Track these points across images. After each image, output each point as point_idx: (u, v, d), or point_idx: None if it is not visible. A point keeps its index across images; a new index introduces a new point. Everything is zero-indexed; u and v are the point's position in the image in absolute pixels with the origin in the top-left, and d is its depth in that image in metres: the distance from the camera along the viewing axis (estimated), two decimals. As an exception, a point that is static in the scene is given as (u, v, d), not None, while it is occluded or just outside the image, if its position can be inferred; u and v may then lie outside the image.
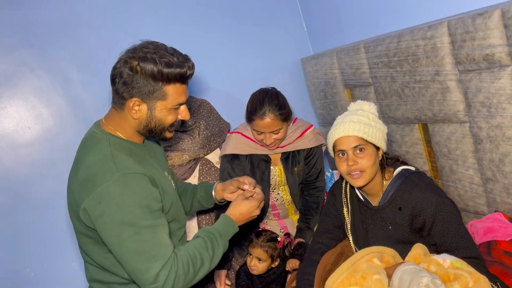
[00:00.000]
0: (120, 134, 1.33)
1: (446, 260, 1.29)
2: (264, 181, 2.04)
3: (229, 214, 1.43)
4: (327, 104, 2.67)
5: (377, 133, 1.47)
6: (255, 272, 1.97)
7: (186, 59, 1.29)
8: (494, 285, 1.26)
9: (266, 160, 2.05)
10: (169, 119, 1.32)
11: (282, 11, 2.81)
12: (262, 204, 1.49)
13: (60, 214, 2.29)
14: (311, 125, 2.13)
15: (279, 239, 2.00)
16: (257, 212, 1.46)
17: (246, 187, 1.54)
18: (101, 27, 2.35)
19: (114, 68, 1.27)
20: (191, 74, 1.30)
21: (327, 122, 2.74)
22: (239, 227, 1.42)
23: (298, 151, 2.07)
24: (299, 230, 2.06)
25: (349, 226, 1.63)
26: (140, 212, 1.19)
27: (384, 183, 1.54)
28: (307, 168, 2.10)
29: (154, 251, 1.18)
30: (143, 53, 1.23)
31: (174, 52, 1.29)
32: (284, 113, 1.92)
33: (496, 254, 1.56)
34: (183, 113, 1.35)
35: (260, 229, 2.11)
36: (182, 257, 1.23)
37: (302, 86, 2.85)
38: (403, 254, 1.43)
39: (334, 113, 2.62)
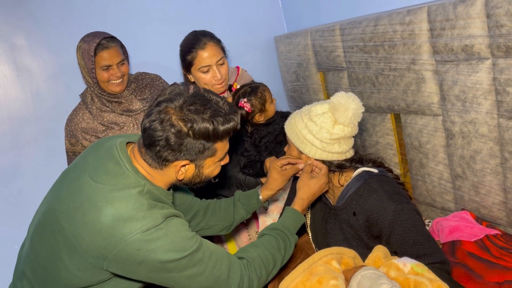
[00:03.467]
0: (154, 182, 1.17)
1: (406, 264, 1.21)
2: None
3: (301, 199, 1.38)
4: (298, 87, 2.54)
5: (311, 149, 1.40)
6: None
7: (231, 106, 1.17)
8: (456, 294, 1.19)
9: None
10: (215, 171, 1.23)
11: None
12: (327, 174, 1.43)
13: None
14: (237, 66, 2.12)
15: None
16: (327, 187, 1.42)
17: (301, 166, 1.45)
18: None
19: (153, 130, 1.07)
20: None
21: (298, 106, 2.62)
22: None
23: None
24: None
25: (308, 222, 1.54)
26: (190, 243, 1.12)
27: (342, 184, 1.44)
28: None
29: (223, 276, 1.15)
30: (192, 113, 1.08)
31: (219, 101, 1.15)
32: (220, 41, 1.88)
33: (460, 255, 1.50)
34: (226, 160, 1.25)
35: None
36: (254, 262, 1.22)
37: (275, 66, 2.70)
38: (362, 256, 1.35)
39: (305, 97, 2.50)
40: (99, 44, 1.79)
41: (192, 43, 1.83)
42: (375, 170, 1.39)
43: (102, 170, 1.11)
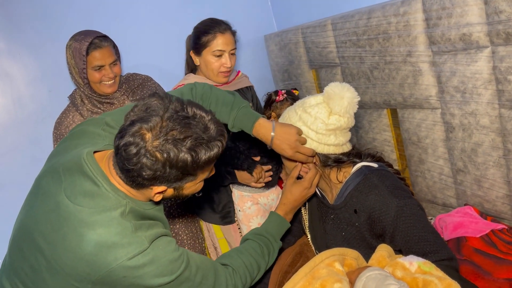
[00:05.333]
0: (134, 198, 1.08)
1: (413, 263, 1.15)
2: None
3: (283, 204, 1.36)
4: (291, 86, 2.48)
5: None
6: None
7: (217, 124, 1.03)
8: (466, 291, 1.13)
9: None
10: (198, 189, 1.13)
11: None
12: (316, 180, 1.36)
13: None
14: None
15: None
16: (312, 191, 1.36)
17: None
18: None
19: (127, 155, 0.96)
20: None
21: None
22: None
23: (243, 92, 2.00)
24: None
25: (307, 224, 1.47)
26: (177, 264, 1.06)
27: (340, 180, 1.38)
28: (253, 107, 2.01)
29: (211, 286, 1.13)
30: (170, 143, 0.95)
31: (203, 116, 1.02)
32: (236, 34, 1.90)
33: (466, 252, 1.44)
34: (211, 173, 1.14)
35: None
36: (239, 270, 1.21)
37: (265, 65, 2.64)
38: (365, 256, 1.28)
39: (298, 95, 2.43)
40: (91, 43, 1.71)
41: (212, 26, 1.82)
42: (374, 165, 1.33)
43: (79, 190, 1.02)
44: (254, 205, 1.90)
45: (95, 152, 1.09)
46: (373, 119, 1.98)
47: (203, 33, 1.81)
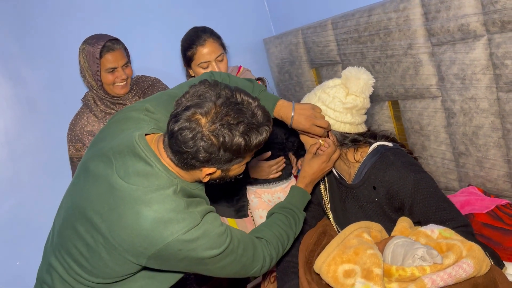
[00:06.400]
0: (182, 178, 1.15)
1: (434, 230, 1.24)
2: None
3: (303, 178, 1.42)
4: (292, 85, 2.58)
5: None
6: None
7: (264, 111, 1.10)
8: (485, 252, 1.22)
9: None
10: (241, 171, 1.20)
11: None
12: (335, 156, 1.43)
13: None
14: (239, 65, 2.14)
15: None
16: (330, 165, 1.44)
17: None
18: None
19: (183, 138, 1.02)
20: None
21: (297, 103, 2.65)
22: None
23: None
24: None
25: (328, 205, 1.55)
26: (223, 238, 1.13)
27: (358, 160, 1.46)
28: None
29: (249, 260, 1.20)
30: (225, 128, 1.02)
31: (251, 103, 1.08)
32: (220, 38, 1.91)
33: (475, 227, 1.53)
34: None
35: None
36: (272, 241, 1.28)
37: (265, 67, 2.74)
38: (387, 230, 1.37)
39: (299, 94, 2.53)
40: (104, 46, 1.77)
41: (192, 39, 1.85)
42: (389, 144, 1.43)
43: (132, 170, 1.08)
44: (256, 198, 1.99)
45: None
46: (375, 112, 2.09)
47: (186, 49, 1.86)
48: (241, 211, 1.98)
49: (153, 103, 1.24)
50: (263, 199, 1.98)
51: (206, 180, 1.13)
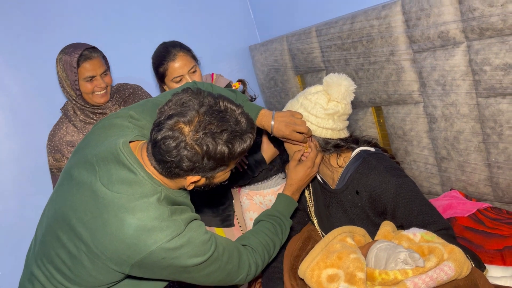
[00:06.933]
0: (167, 186, 1.14)
1: (416, 234, 1.25)
2: None
3: (289, 185, 1.44)
4: (277, 92, 2.59)
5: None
6: None
7: (247, 118, 1.10)
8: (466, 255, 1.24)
9: None
10: (226, 177, 1.19)
11: (227, -3, 2.72)
12: (318, 160, 1.45)
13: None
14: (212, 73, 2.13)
15: (232, 87, 1.95)
16: (315, 170, 1.45)
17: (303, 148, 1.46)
18: None
19: (166, 147, 1.01)
20: None
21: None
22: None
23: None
24: None
25: (312, 210, 1.56)
26: (208, 246, 1.13)
27: (340, 165, 1.48)
28: None
29: (235, 268, 1.20)
30: (208, 137, 1.02)
31: (234, 110, 1.08)
32: (190, 50, 1.90)
33: (457, 230, 1.56)
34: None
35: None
36: (258, 249, 1.28)
37: (251, 74, 2.76)
38: (370, 234, 1.38)
39: (285, 101, 2.55)
40: (81, 55, 1.75)
41: (163, 55, 1.84)
42: (372, 149, 1.44)
43: (116, 178, 1.07)
44: (247, 200, 2.00)
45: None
46: (359, 118, 2.11)
47: (158, 65, 1.85)
48: (227, 220, 1.98)
49: (138, 110, 1.24)
50: (254, 201, 1.99)
51: (190, 188, 1.13)
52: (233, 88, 2.02)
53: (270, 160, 1.86)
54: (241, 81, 2.05)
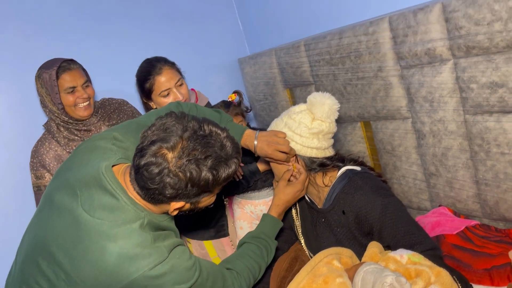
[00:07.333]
0: (150, 211, 1.11)
1: (403, 256, 1.24)
2: None
3: (276, 206, 1.42)
4: (267, 105, 2.58)
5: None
6: None
7: (233, 142, 1.09)
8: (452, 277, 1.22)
9: None
10: (212, 201, 1.17)
11: (217, 11, 2.70)
12: (307, 182, 1.44)
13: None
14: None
15: (229, 98, 1.99)
16: (303, 193, 1.44)
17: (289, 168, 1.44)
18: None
19: (149, 174, 0.99)
20: None
21: (267, 124, 2.64)
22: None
23: None
24: None
25: (299, 229, 1.54)
26: (192, 272, 1.11)
27: (327, 184, 1.46)
28: None
29: None
30: (192, 163, 0.99)
31: (219, 134, 1.07)
32: (175, 64, 1.89)
33: (445, 248, 1.55)
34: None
35: None
36: (243, 273, 1.26)
37: (241, 87, 2.74)
38: (358, 255, 1.36)
39: (274, 114, 2.54)
40: (59, 67, 1.74)
41: (148, 70, 1.82)
42: (358, 168, 1.43)
43: (98, 204, 1.04)
44: (239, 209, 2.00)
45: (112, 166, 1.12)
46: (348, 132, 2.10)
47: (144, 81, 1.83)
48: (221, 230, 1.96)
49: (122, 131, 1.21)
50: (245, 210, 1.98)
51: (174, 213, 1.11)
52: (229, 100, 2.02)
53: (265, 170, 1.86)
54: (237, 92, 2.06)
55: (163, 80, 1.80)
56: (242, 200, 1.99)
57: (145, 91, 1.84)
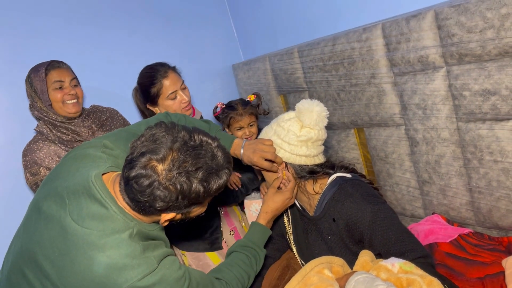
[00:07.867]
0: (140, 220, 1.10)
1: (394, 264, 1.22)
2: None
3: (265, 213, 1.40)
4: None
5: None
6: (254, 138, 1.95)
7: (224, 151, 1.08)
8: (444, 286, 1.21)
9: None
10: (203, 211, 1.16)
11: (211, 17, 2.70)
12: (296, 190, 1.43)
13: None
14: None
15: (248, 98, 2.03)
16: (292, 201, 1.43)
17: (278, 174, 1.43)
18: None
19: (139, 187, 0.97)
20: None
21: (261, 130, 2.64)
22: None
23: None
24: None
25: (291, 237, 1.53)
26: (181, 282, 1.09)
27: (317, 191, 1.45)
28: None
29: None
30: (183, 176, 0.98)
31: (210, 143, 1.05)
32: (176, 68, 1.93)
33: (438, 256, 1.53)
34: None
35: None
36: (232, 283, 1.25)
37: (234, 93, 2.73)
38: (349, 263, 1.35)
39: (267, 120, 2.52)
40: (49, 65, 1.78)
41: (154, 75, 1.84)
42: (348, 175, 1.42)
43: (87, 213, 1.02)
44: (246, 210, 2.05)
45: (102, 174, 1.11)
46: (341, 139, 2.09)
47: (150, 86, 1.85)
48: (216, 243, 1.94)
49: (112, 139, 1.20)
50: (250, 211, 2.02)
51: (165, 224, 1.10)
52: (248, 100, 2.05)
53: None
54: (256, 94, 2.08)
55: (169, 83, 1.83)
56: (247, 201, 2.01)
57: (151, 96, 1.85)
